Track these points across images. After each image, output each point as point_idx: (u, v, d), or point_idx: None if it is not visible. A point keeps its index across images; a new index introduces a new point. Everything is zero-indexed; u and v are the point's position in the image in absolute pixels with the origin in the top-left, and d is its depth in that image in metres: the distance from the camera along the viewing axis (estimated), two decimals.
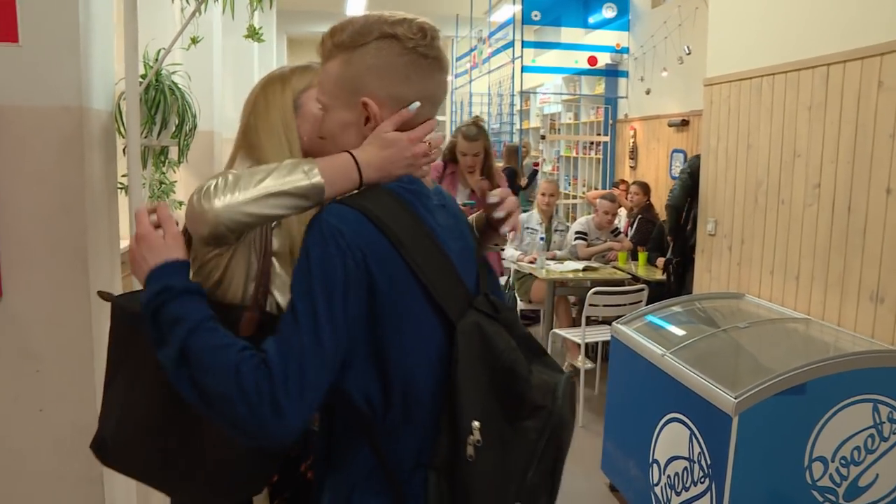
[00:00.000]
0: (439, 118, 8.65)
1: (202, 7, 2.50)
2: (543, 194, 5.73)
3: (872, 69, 2.76)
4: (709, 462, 2.52)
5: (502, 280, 5.48)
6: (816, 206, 3.05)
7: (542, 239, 5.62)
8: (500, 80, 9.22)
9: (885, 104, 2.70)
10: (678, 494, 2.73)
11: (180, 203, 3.27)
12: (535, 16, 7.60)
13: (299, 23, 12.41)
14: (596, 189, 7.90)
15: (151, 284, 1.08)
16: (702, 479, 2.56)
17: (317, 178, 1.12)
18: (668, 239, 4.78)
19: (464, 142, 3.74)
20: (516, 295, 5.55)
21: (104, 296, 1.51)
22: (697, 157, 4.23)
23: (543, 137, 8.18)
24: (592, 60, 7.79)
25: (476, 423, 1.05)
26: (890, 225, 2.67)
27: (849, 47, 2.88)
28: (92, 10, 2.34)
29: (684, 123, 6.36)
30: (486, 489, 1.07)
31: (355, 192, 1.14)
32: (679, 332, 3.18)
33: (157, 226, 1.14)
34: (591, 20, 7.81)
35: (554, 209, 5.92)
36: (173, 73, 2.70)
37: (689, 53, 5.78)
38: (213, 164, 4.38)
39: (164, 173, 2.80)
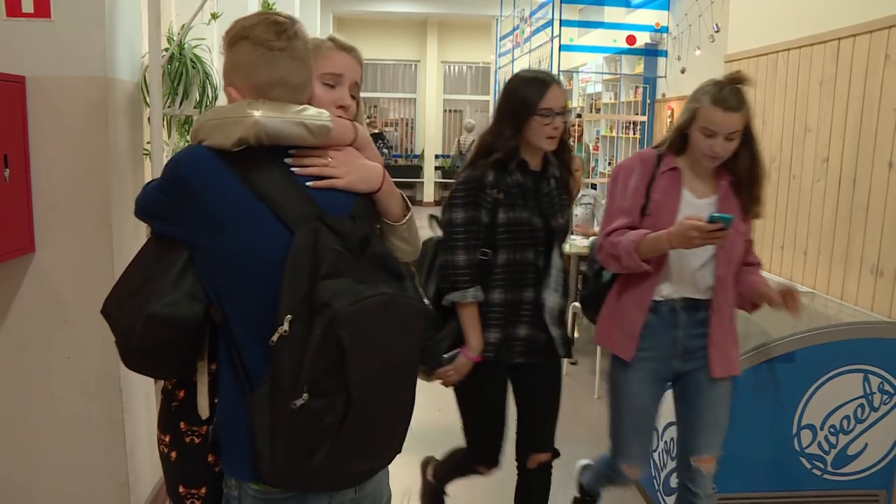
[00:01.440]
0: (482, 98, 8.80)
1: None
2: None
3: (880, 42, 2.76)
4: None
5: None
6: (824, 182, 3.07)
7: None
8: (541, 59, 9.22)
9: (890, 77, 2.71)
10: (672, 459, 2.80)
11: None
12: None
13: (345, 1, 12.54)
14: None
15: None
16: None
17: (328, 122, 1.36)
18: None
19: (717, 111, 2.07)
20: None
21: None
22: None
23: (579, 116, 8.19)
24: (631, 40, 7.74)
25: (289, 317, 1.22)
26: (891, 199, 2.68)
27: (859, 21, 2.87)
28: None
29: None
30: (280, 374, 1.22)
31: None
32: None
33: None
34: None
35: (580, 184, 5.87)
36: (195, 46, 2.86)
37: (717, 31, 5.73)
38: None
39: (188, 141, 2.97)
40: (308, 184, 1.36)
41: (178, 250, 1.36)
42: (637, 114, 8.37)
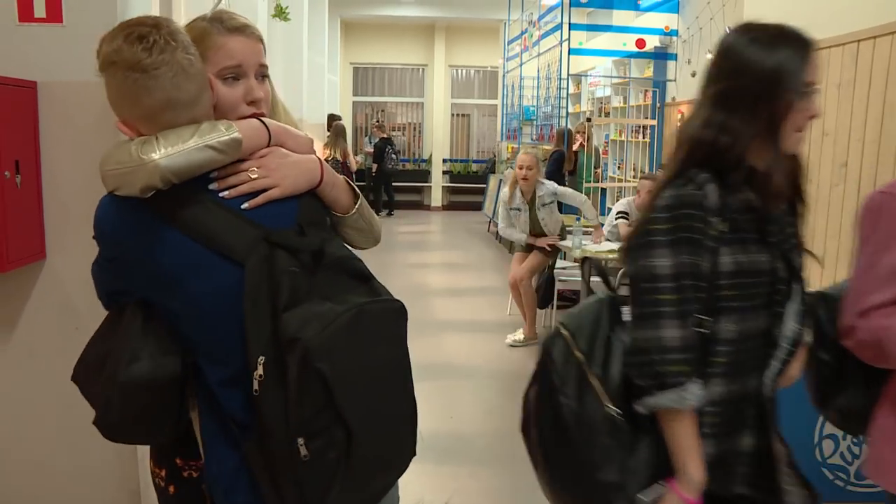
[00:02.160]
0: (491, 102, 8.87)
1: None
2: (521, 167, 5.21)
3: None
4: None
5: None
6: (843, 186, 3.02)
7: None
8: (549, 63, 9.20)
9: None
10: None
11: None
12: None
13: (353, 5, 12.54)
14: (643, 173, 7.83)
15: None
16: None
17: (235, 133, 1.21)
18: None
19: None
20: (554, 274, 5.59)
21: None
22: None
23: (589, 120, 8.16)
24: (640, 43, 7.72)
25: (262, 358, 1.13)
26: None
27: (879, 23, 2.84)
28: None
29: None
30: (271, 424, 1.13)
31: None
32: None
33: None
34: (642, 2, 7.74)
35: (535, 184, 5.27)
36: None
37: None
38: None
39: None
40: (243, 206, 1.22)
41: (136, 309, 1.25)
42: (647, 118, 8.35)
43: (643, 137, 8.42)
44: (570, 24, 7.69)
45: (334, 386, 1.12)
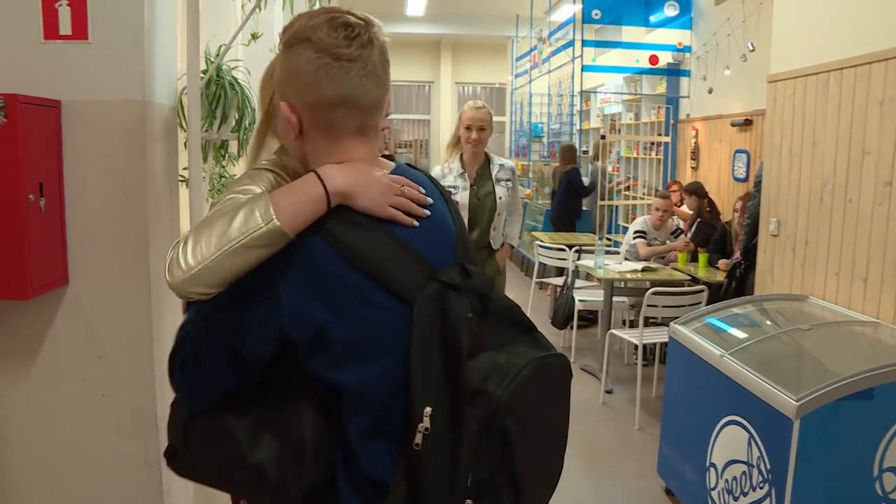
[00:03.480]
0: (498, 119, 8.62)
1: (261, 3, 2.55)
2: (469, 126, 3.63)
3: None
4: (768, 467, 2.45)
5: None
6: (887, 205, 2.93)
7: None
8: (560, 79, 9.14)
9: None
10: (736, 499, 2.65)
11: None
12: (596, 14, 7.51)
13: None
14: (656, 191, 7.75)
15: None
16: (761, 485, 2.49)
17: (274, 223, 1.03)
18: (735, 248, 4.68)
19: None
20: (574, 295, 5.48)
21: None
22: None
23: (603, 137, 8.08)
24: (653, 59, 7.66)
25: (428, 410, 1.02)
26: None
27: None
28: (157, 9, 2.42)
29: (747, 123, 6.19)
30: (434, 482, 1.03)
31: None
32: (739, 333, 3.09)
33: None
34: (653, 19, 7.69)
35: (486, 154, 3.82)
36: (233, 68, 2.76)
37: (752, 50, 5.63)
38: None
39: (223, 167, 2.86)
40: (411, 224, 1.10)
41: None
42: (660, 134, 8.28)
43: (655, 154, 8.34)
44: (582, 40, 7.63)
45: (515, 445, 1.03)
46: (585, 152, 9.57)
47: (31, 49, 2.39)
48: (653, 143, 8.39)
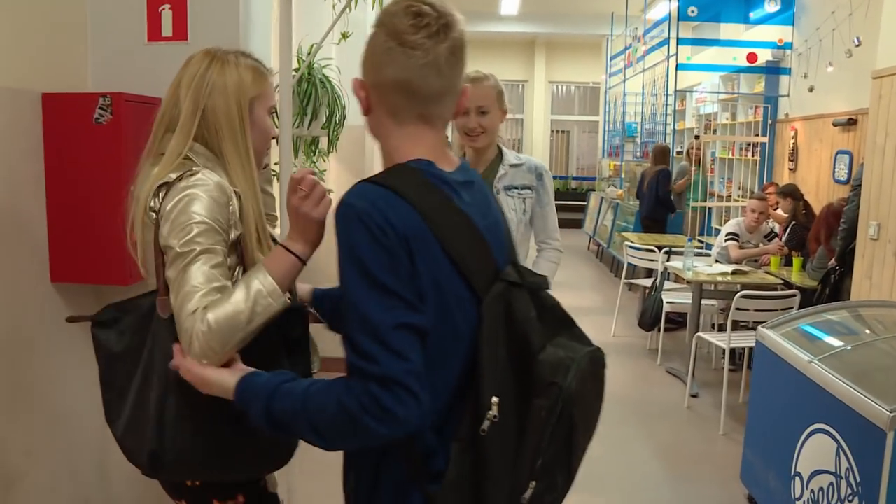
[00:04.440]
0: (592, 118, 8.48)
1: (352, 3, 2.63)
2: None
3: None
4: (858, 479, 2.35)
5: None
6: None
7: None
8: (655, 78, 8.97)
9: None
10: None
11: (330, 191, 3.45)
12: (692, 12, 7.33)
13: None
14: (752, 192, 7.49)
15: (245, 400, 1.17)
16: (850, 498, 2.39)
17: (282, 302, 1.32)
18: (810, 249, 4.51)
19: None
20: (662, 296, 5.38)
21: (77, 319, 1.60)
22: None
23: (697, 137, 7.87)
24: (752, 57, 7.41)
25: (495, 399, 1.07)
26: None
27: None
28: (252, 9, 2.54)
29: (851, 122, 5.90)
30: (500, 466, 1.09)
31: (381, 172, 1.16)
32: (830, 339, 2.97)
33: None
34: (753, 15, 7.43)
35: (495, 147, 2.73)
36: (325, 66, 2.86)
37: (858, 45, 5.37)
38: (364, 158, 4.57)
39: (314, 162, 2.97)
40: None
41: None
42: (756, 134, 8.00)
43: (752, 155, 8.06)
44: (677, 38, 7.46)
45: (576, 432, 1.12)
46: (680, 152, 9.35)
47: (136, 50, 2.56)
48: (749, 144, 8.11)
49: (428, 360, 1.07)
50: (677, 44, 7.51)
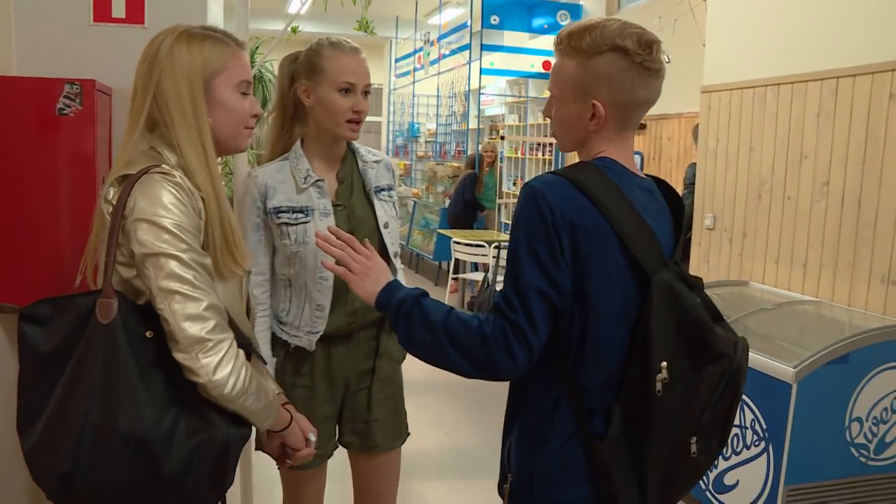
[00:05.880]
0: (375, 119, 8.64)
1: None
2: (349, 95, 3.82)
3: (883, 83, 3.16)
4: (765, 426, 2.84)
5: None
6: (825, 202, 3.44)
7: None
8: (453, 81, 9.45)
9: None
10: (726, 459, 3.03)
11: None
12: (495, 20, 7.87)
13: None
14: None
15: (389, 297, 1.37)
16: (756, 442, 2.88)
17: (272, 404, 1.46)
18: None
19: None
20: (497, 288, 5.78)
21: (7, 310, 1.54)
22: (694, 164, 4.60)
23: (503, 138, 8.49)
24: (547, 65, 8.15)
25: (664, 363, 1.24)
26: None
27: (858, 63, 3.27)
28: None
29: (641, 127, 6.79)
30: (668, 421, 1.26)
31: (568, 166, 1.37)
32: None
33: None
34: (546, 27, 8.17)
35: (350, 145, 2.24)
36: (269, 60, 2.77)
37: (668, 62, 6.18)
38: None
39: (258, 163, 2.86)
40: None
41: None
42: (546, 136, 8.81)
43: (543, 154, 8.86)
44: (481, 45, 7.98)
45: (736, 402, 1.31)
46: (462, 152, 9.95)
47: (78, 31, 2.31)
48: (539, 144, 8.90)
49: (592, 331, 1.29)
50: (481, 49, 8.02)
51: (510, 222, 1.36)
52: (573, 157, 1.41)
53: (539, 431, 1.35)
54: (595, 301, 1.27)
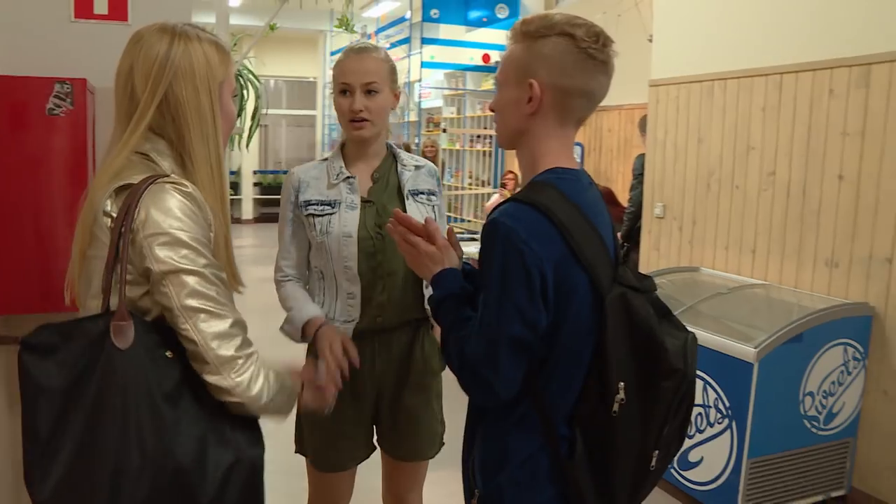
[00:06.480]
0: (310, 112, 8.68)
1: None
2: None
3: (823, 80, 3.39)
4: (727, 405, 3.02)
5: None
6: (772, 191, 3.66)
7: None
8: None
9: (836, 109, 3.33)
10: (690, 438, 3.21)
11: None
12: (434, 14, 7.92)
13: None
14: (484, 180, 8.36)
15: (443, 283, 1.40)
16: (719, 420, 3.05)
17: (291, 387, 1.40)
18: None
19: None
20: None
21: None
22: (642, 155, 4.77)
23: (444, 130, 8.55)
24: (486, 58, 8.26)
25: (622, 384, 1.25)
26: (842, 205, 3.30)
27: (800, 60, 3.49)
28: None
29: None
30: (628, 440, 1.28)
31: (527, 188, 1.34)
32: (668, 302, 3.67)
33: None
34: (485, 20, 8.27)
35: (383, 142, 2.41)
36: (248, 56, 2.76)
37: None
38: None
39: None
40: None
41: None
42: (485, 128, 8.93)
43: (482, 147, 8.98)
44: (421, 38, 8.02)
45: (691, 408, 1.35)
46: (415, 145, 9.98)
47: (59, 28, 2.28)
48: (479, 136, 9.02)
49: (560, 352, 1.29)
50: (421, 43, 8.07)
51: (477, 257, 1.32)
52: (512, 154, 1.41)
53: (505, 447, 1.35)
54: (568, 328, 1.28)
